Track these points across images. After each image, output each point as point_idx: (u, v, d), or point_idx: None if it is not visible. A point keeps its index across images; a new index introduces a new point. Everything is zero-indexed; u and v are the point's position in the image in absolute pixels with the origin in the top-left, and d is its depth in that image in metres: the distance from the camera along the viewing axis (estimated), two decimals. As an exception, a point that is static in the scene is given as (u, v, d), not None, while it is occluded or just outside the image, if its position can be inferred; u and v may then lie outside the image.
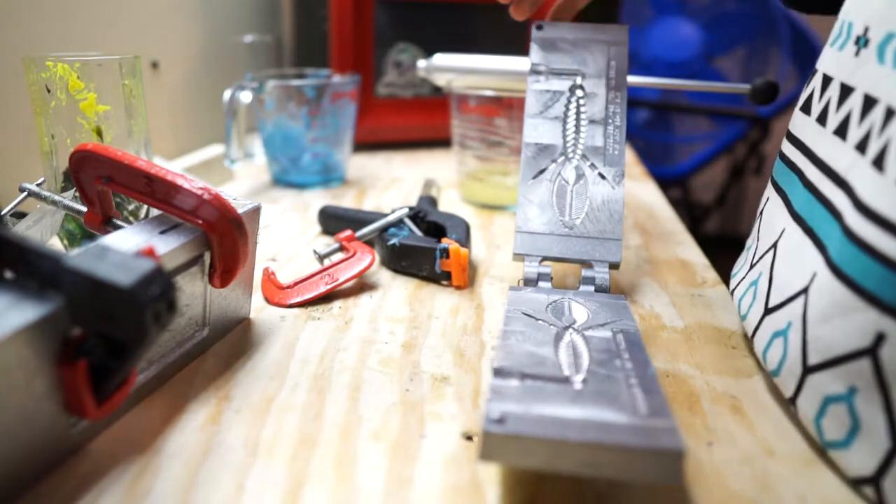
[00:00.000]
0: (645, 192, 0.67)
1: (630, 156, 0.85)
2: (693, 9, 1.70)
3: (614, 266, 0.40)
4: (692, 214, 1.79)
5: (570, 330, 0.31)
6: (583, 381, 0.26)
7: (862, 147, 0.26)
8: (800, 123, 0.34)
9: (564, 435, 0.22)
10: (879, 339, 0.23)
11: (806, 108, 0.33)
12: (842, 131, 0.28)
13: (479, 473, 0.25)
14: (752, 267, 0.35)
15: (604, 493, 0.24)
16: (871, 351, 0.23)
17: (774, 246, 0.33)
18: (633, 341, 0.30)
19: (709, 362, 0.34)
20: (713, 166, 1.75)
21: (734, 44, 1.69)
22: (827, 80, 0.31)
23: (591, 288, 0.38)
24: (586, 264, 0.40)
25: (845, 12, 0.31)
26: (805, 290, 0.28)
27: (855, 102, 0.28)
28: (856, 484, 0.25)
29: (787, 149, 0.35)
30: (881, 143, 0.25)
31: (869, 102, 0.27)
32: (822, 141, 0.30)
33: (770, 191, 0.37)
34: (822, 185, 0.29)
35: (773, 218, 0.34)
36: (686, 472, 0.25)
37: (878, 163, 0.24)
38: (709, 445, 0.27)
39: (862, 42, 0.28)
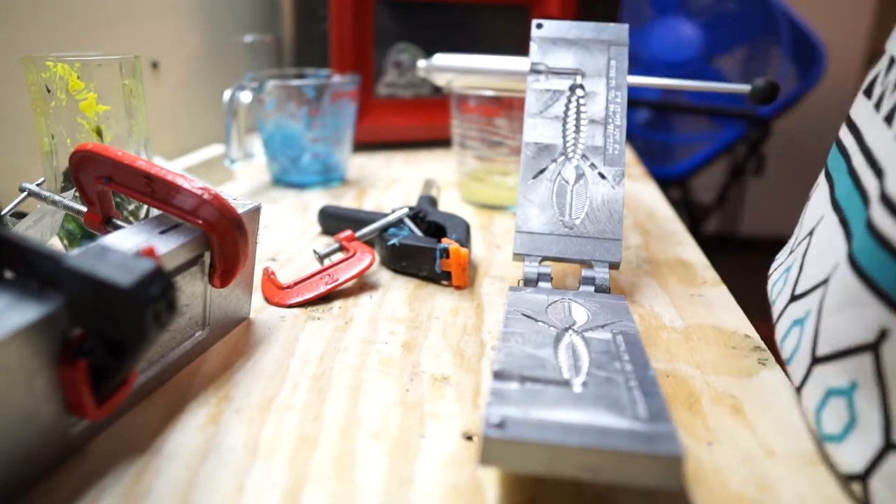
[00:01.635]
0: (645, 192, 0.67)
1: (630, 156, 0.85)
2: (693, 9, 1.70)
3: (614, 266, 0.40)
4: (692, 214, 1.79)
5: (570, 331, 0.31)
6: (582, 384, 0.26)
7: None
8: (859, 106, 0.31)
9: (564, 440, 0.22)
10: (882, 335, 0.23)
11: (868, 91, 0.31)
12: (890, 117, 0.27)
13: (479, 474, 0.25)
14: (790, 253, 0.35)
15: (603, 494, 0.24)
16: (874, 346, 0.23)
17: (811, 233, 0.32)
18: (633, 343, 0.30)
19: (709, 362, 0.34)
20: (713, 166, 1.75)
21: (734, 44, 1.69)
22: (892, 63, 0.29)
23: (591, 288, 0.38)
24: (586, 264, 0.40)
25: None
26: (826, 281, 0.27)
27: None
28: (847, 480, 0.24)
29: (843, 133, 0.33)
30: None
31: None
32: (873, 126, 0.29)
33: (821, 177, 0.35)
34: (864, 173, 0.28)
35: (816, 205, 0.33)
36: (686, 472, 0.25)
37: None
38: (709, 445, 0.27)
39: None
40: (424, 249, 0.43)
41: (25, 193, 0.37)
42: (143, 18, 0.68)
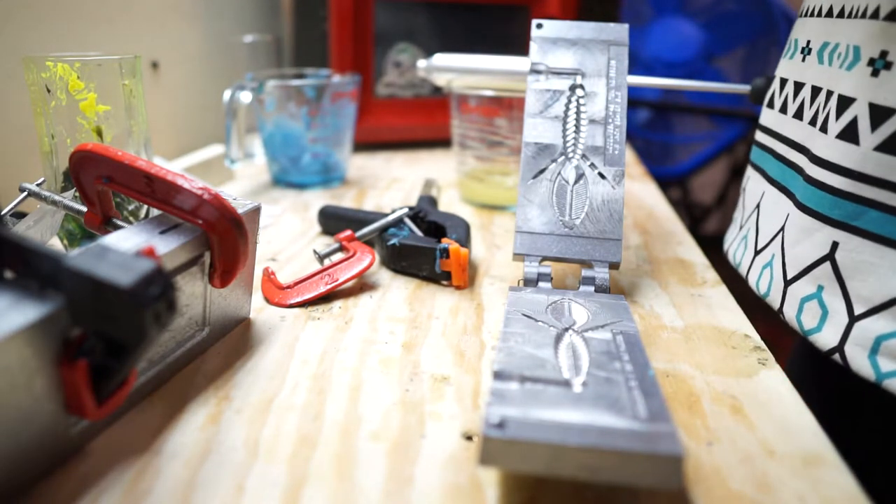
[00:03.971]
0: (645, 192, 0.67)
1: (630, 156, 0.85)
2: (693, 9, 1.70)
3: (614, 266, 0.40)
4: (692, 214, 1.79)
5: (570, 331, 0.31)
6: (583, 384, 0.26)
7: (814, 121, 0.36)
8: (767, 116, 0.43)
9: (564, 440, 0.22)
10: (834, 246, 0.33)
11: (770, 104, 0.43)
12: (799, 114, 0.38)
13: (480, 474, 0.25)
14: (741, 228, 0.45)
15: (604, 494, 0.24)
16: (830, 256, 0.34)
17: (757, 207, 0.42)
18: (633, 343, 0.30)
19: (709, 362, 0.34)
20: (713, 166, 1.75)
21: (734, 44, 1.69)
22: (783, 81, 0.41)
23: (591, 288, 0.38)
24: (586, 264, 0.40)
25: (794, 34, 0.41)
26: (782, 228, 0.38)
27: (806, 93, 0.38)
28: (828, 355, 0.34)
29: (760, 136, 0.44)
30: (825, 114, 0.35)
31: (815, 90, 0.37)
32: (786, 123, 0.40)
33: (749, 170, 0.46)
34: (789, 154, 0.39)
35: (754, 188, 0.44)
36: (686, 472, 0.25)
37: (824, 128, 0.34)
38: (709, 445, 0.27)
39: (806, 51, 0.39)
40: (424, 249, 0.42)
41: (25, 193, 0.37)
42: (143, 18, 0.68)
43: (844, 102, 0.33)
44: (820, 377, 0.44)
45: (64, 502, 0.23)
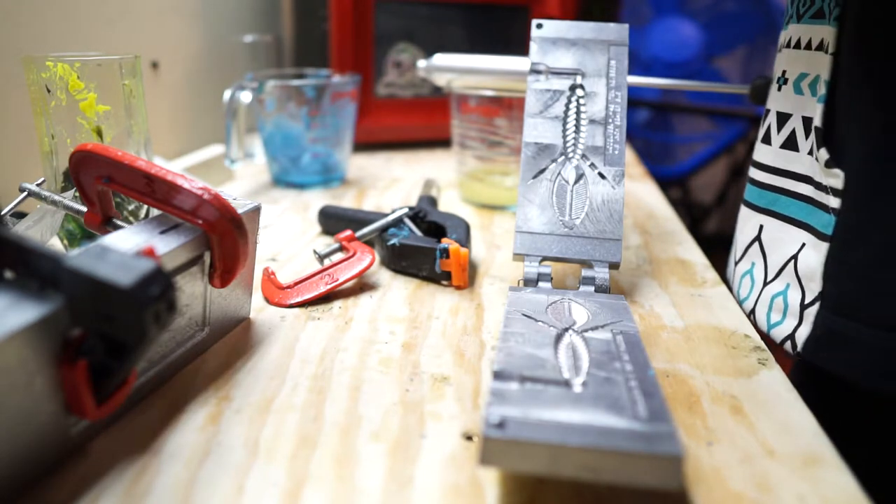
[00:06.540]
0: (645, 192, 0.67)
1: (630, 156, 0.85)
2: (693, 9, 1.70)
3: (614, 266, 0.39)
4: (692, 214, 1.79)
5: (570, 331, 0.31)
6: (582, 384, 0.26)
7: (759, 135, 0.43)
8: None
9: (564, 440, 0.22)
10: (760, 228, 0.42)
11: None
12: (764, 137, 0.43)
13: (479, 474, 0.25)
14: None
15: (604, 494, 0.24)
16: (758, 237, 0.42)
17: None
18: (633, 342, 0.30)
19: (709, 362, 0.34)
20: (713, 166, 1.75)
21: (734, 44, 1.69)
22: (766, 113, 0.46)
23: (591, 288, 0.38)
24: (586, 264, 0.40)
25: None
26: (736, 224, 0.46)
27: (769, 117, 0.43)
28: (748, 316, 0.40)
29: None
30: (762, 127, 0.43)
31: (766, 111, 0.43)
32: (760, 150, 0.45)
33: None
34: (748, 170, 0.46)
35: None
36: (686, 472, 0.25)
37: (759, 136, 0.43)
38: (709, 445, 0.27)
39: (773, 81, 0.43)
40: (424, 249, 0.42)
41: (25, 193, 0.37)
42: (143, 18, 0.68)
43: (766, 114, 0.43)
44: (820, 378, 0.44)
45: (64, 502, 0.23)
